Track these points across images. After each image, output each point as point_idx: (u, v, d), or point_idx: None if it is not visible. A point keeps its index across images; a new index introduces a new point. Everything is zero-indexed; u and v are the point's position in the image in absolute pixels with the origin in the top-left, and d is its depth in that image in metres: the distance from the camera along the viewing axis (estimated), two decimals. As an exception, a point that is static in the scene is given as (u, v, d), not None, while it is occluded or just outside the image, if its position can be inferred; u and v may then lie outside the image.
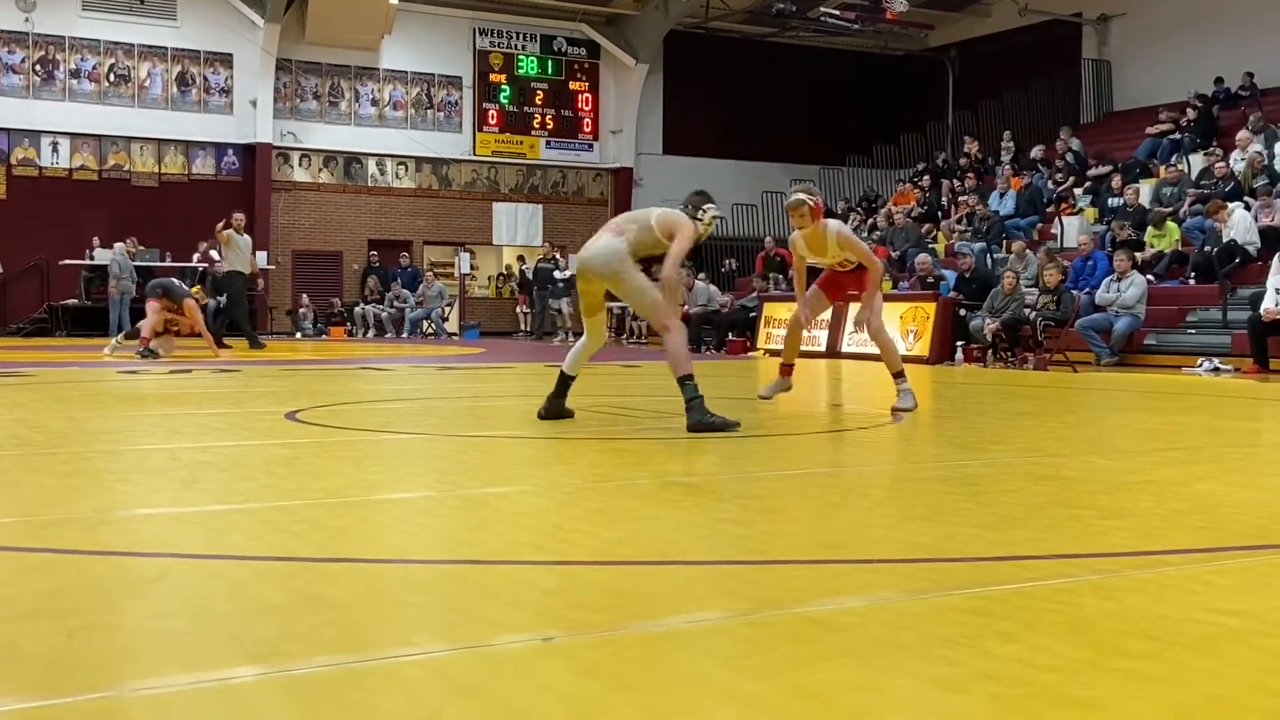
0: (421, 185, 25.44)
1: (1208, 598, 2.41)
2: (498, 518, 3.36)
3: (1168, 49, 21.71)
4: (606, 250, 5.74)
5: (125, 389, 8.52)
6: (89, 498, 3.66)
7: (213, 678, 1.84)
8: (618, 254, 5.69)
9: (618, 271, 5.71)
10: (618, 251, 5.70)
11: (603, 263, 5.74)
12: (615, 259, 5.70)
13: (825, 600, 2.39)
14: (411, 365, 12.93)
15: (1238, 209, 14.47)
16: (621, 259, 5.69)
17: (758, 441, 5.57)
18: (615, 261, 5.70)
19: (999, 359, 13.68)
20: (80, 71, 22.80)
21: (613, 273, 5.73)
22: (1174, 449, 5.38)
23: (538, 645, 2.03)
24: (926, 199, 21.14)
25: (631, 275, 5.70)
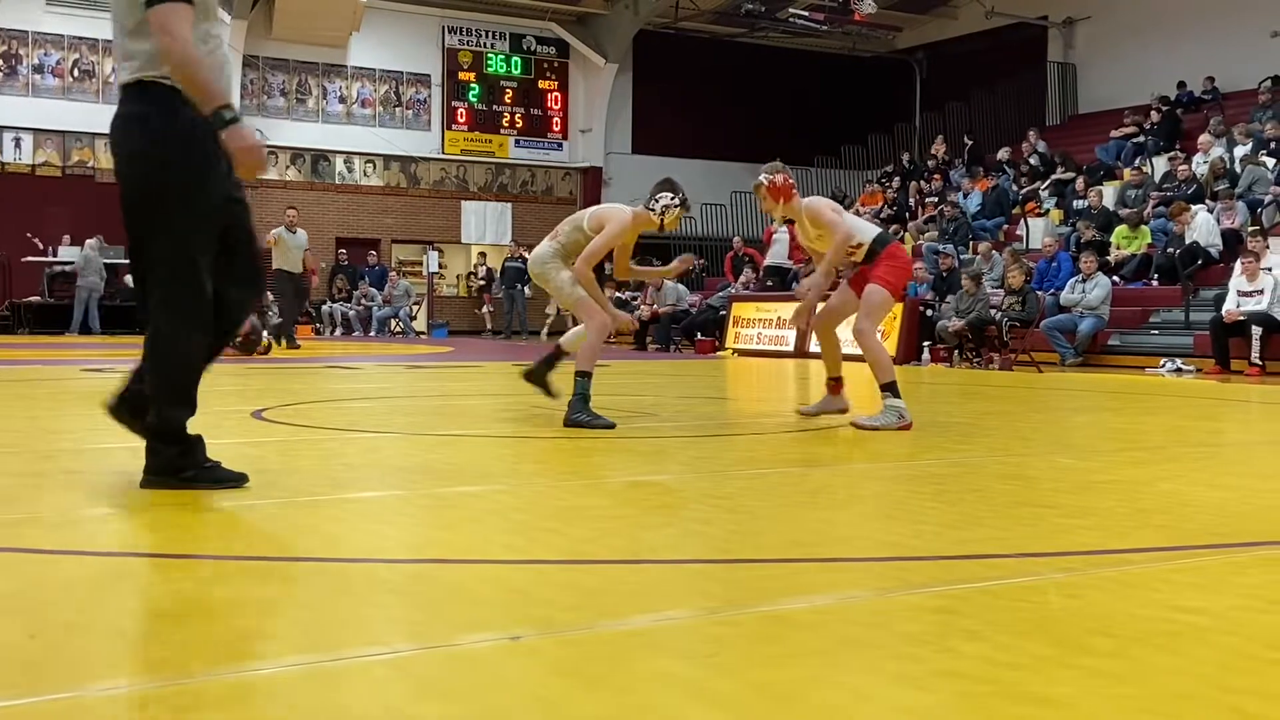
0: (390, 183, 25.33)
1: (1170, 596, 2.44)
2: (466, 517, 3.35)
3: (1132, 52, 21.92)
4: (537, 256, 6.15)
5: (89, 387, 8.44)
6: (51, 496, 3.63)
7: (176, 678, 1.83)
8: (542, 258, 6.08)
9: (542, 273, 6.08)
10: (543, 256, 6.09)
11: (534, 266, 6.15)
12: (540, 263, 6.09)
13: (793, 599, 2.40)
14: (379, 364, 12.88)
15: (1200, 211, 14.63)
16: (544, 262, 6.05)
17: (727, 441, 5.59)
18: (539, 265, 6.09)
19: (965, 359, 13.78)
20: (44, 66, 22.56)
21: (539, 275, 6.12)
22: (1137, 449, 5.43)
23: (506, 644, 2.03)
24: (895, 200, 21.25)
25: (554, 275, 6.03)
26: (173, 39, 3.33)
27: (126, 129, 3.48)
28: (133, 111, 3.47)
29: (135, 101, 3.46)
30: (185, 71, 3.35)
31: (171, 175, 3.44)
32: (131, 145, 3.47)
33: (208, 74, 3.38)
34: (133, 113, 3.47)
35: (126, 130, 3.48)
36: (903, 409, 5.80)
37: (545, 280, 6.07)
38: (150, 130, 3.44)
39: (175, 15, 3.34)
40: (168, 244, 3.49)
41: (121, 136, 3.50)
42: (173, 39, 3.33)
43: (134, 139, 3.47)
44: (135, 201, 3.49)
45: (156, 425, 3.56)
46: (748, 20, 24.88)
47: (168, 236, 3.48)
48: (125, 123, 3.48)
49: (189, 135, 3.43)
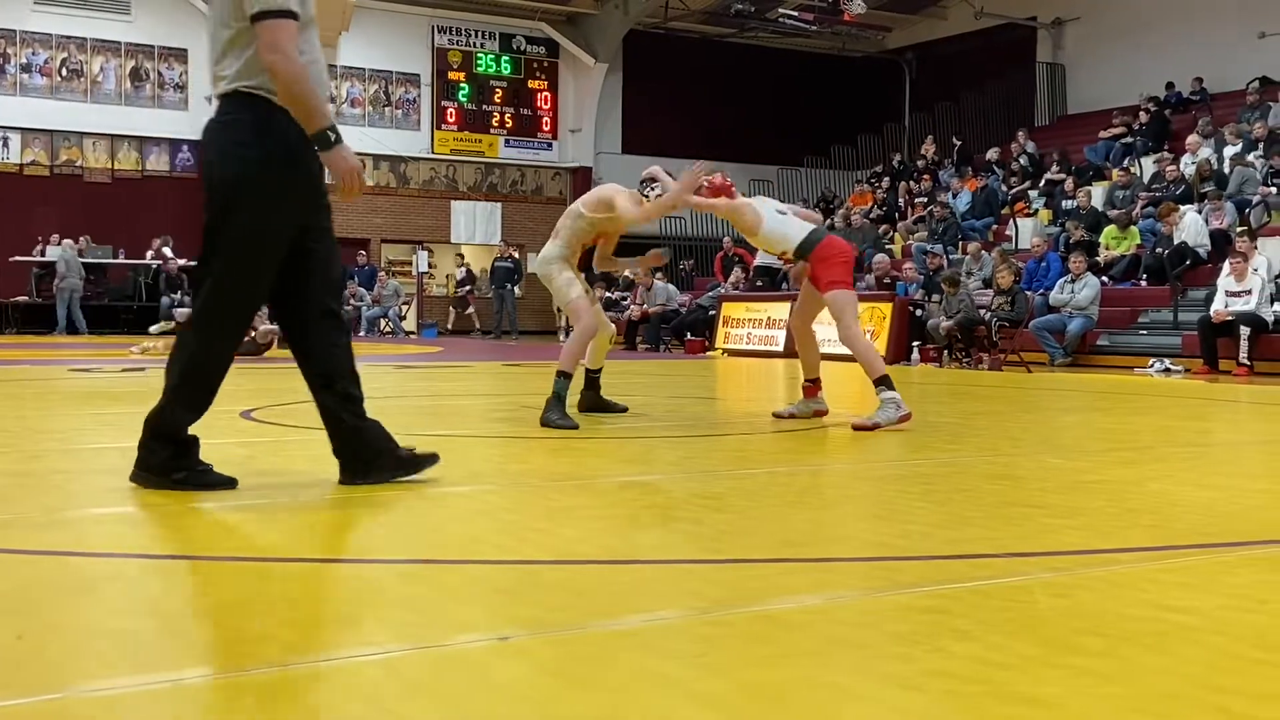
0: (379, 183, 25.28)
1: (1158, 596, 2.45)
2: (456, 517, 3.35)
3: (1120, 53, 21.99)
4: (543, 256, 6.16)
5: (77, 387, 8.41)
6: (39, 497, 3.61)
7: (166, 678, 1.82)
8: (546, 260, 6.11)
9: (546, 273, 6.12)
10: (548, 256, 6.11)
11: (539, 266, 6.17)
12: (545, 263, 6.12)
13: (783, 599, 2.40)
14: (369, 364, 12.85)
15: (1189, 212, 14.68)
16: (549, 262, 6.09)
17: (716, 441, 5.59)
18: (544, 265, 6.12)
19: (954, 359, 13.81)
20: (32, 66, 22.49)
21: (544, 275, 6.14)
22: (1126, 449, 5.45)
23: (496, 644, 2.02)
24: (885, 200, 21.28)
25: (555, 276, 6.05)
26: (283, 57, 3.31)
27: (218, 137, 3.46)
28: (226, 120, 3.45)
29: (230, 111, 3.44)
30: (294, 90, 3.34)
31: (250, 188, 3.41)
32: (219, 153, 3.45)
33: (314, 93, 3.37)
34: (226, 122, 3.45)
35: (217, 138, 3.46)
36: (899, 400, 5.73)
37: (548, 280, 6.11)
38: (239, 141, 3.41)
39: (284, 31, 3.32)
40: (232, 254, 3.46)
41: (211, 144, 3.48)
42: (283, 57, 3.31)
43: (223, 148, 3.44)
44: (214, 207, 3.46)
45: (159, 423, 3.52)
46: (737, 20, 24.90)
47: (233, 247, 3.46)
48: (218, 131, 3.46)
49: (276, 151, 3.41)
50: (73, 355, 12.71)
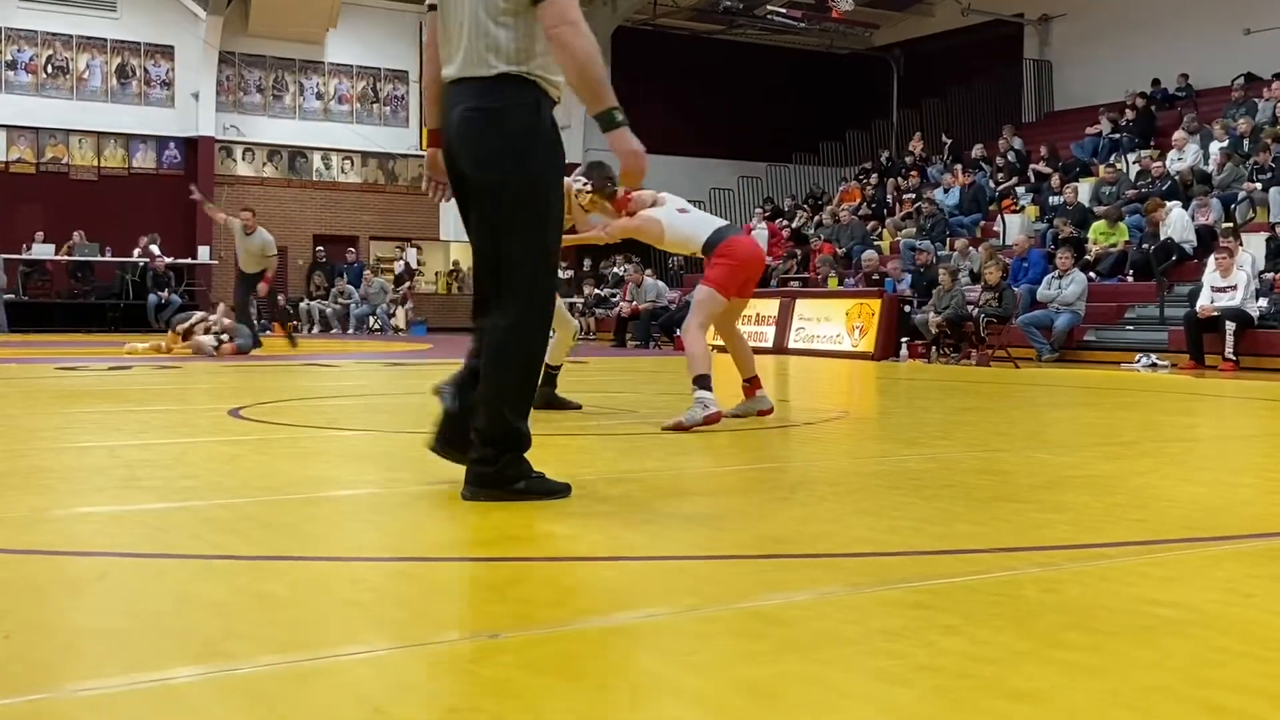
0: (368, 180, 25.25)
1: (1146, 590, 2.46)
2: (444, 515, 3.34)
3: (1107, 50, 22.05)
4: None
5: (63, 386, 8.38)
6: (26, 496, 3.60)
7: (154, 678, 1.82)
8: None
9: None
10: None
11: None
12: None
13: (771, 595, 2.41)
14: (358, 361, 12.84)
15: (1175, 208, 14.73)
16: None
17: (706, 437, 5.59)
18: None
19: (942, 355, 13.84)
20: (17, 63, 22.39)
21: None
22: (1113, 444, 5.47)
23: (486, 642, 2.02)
24: (873, 196, 21.31)
25: None
26: (575, 30, 3.20)
27: (489, 125, 3.31)
28: (496, 106, 3.30)
29: (497, 95, 3.30)
30: (588, 69, 3.23)
31: (537, 173, 3.32)
32: (495, 143, 3.30)
33: (604, 68, 3.28)
34: (496, 107, 3.30)
35: (489, 126, 3.31)
36: (708, 400, 5.53)
37: None
38: (517, 127, 3.30)
39: (574, 6, 3.23)
40: (531, 245, 3.34)
41: (482, 132, 3.32)
42: (575, 30, 3.20)
43: (500, 136, 3.30)
44: (496, 200, 3.33)
45: (491, 432, 3.36)
46: (726, 17, 24.91)
47: (530, 237, 3.33)
48: (488, 118, 3.31)
49: (552, 133, 3.36)
50: (60, 354, 12.67)
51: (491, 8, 3.30)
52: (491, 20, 3.30)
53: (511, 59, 3.30)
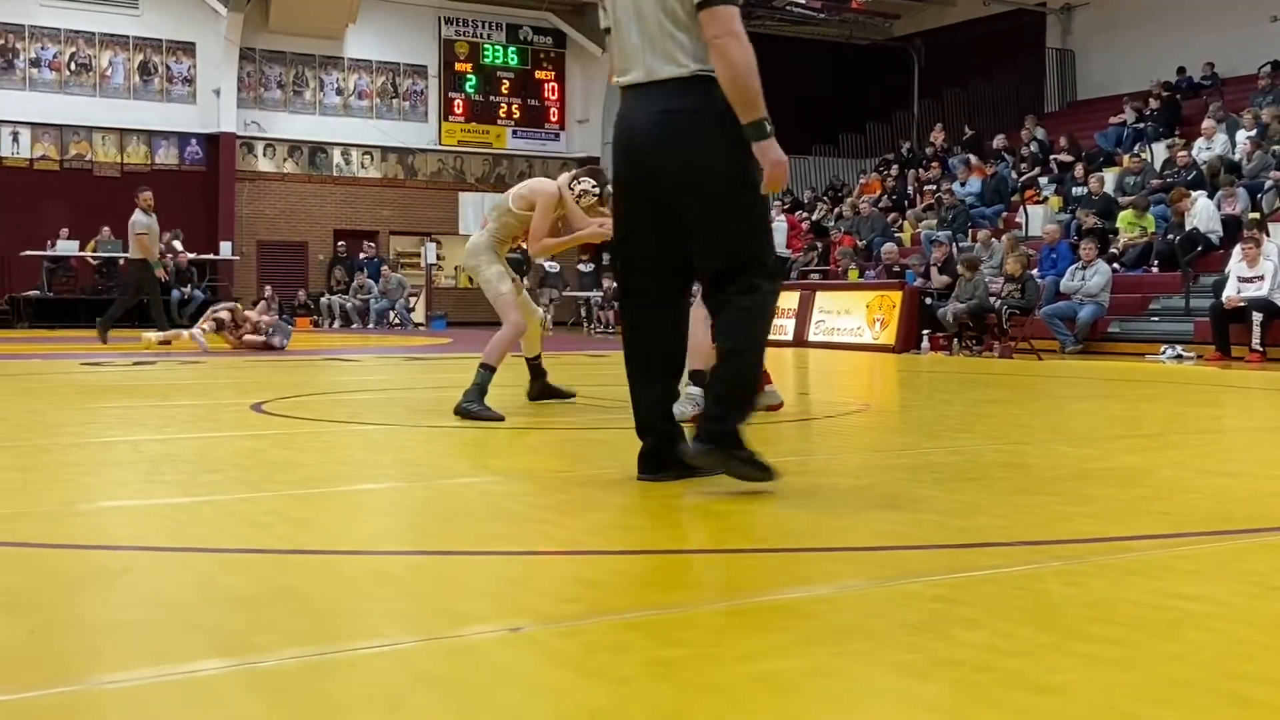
0: (387, 175, 25.31)
1: (1171, 583, 2.44)
2: (464, 508, 3.35)
3: (1130, 38, 21.89)
4: (470, 247, 6.08)
5: (88, 381, 8.44)
6: (51, 491, 3.62)
7: (179, 670, 1.83)
8: (474, 249, 6.03)
9: (474, 265, 6.02)
10: (475, 246, 6.03)
11: (466, 259, 6.11)
12: (471, 254, 6.04)
13: (792, 588, 2.40)
14: (378, 356, 12.88)
15: (1200, 197, 14.62)
16: (476, 253, 6.00)
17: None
18: (472, 256, 6.04)
19: (964, 347, 13.78)
20: (41, 60, 22.54)
21: (470, 266, 6.06)
22: (1137, 436, 5.43)
23: (505, 635, 2.03)
24: (894, 188, 21.23)
25: (483, 268, 5.96)
26: (737, 40, 3.33)
27: (696, 122, 3.39)
28: (691, 106, 3.40)
29: (688, 96, 3.39)
30: (745, 79, 3.34)
31: (746, 172, 3.42)
32: (695, 139, 3.40)
33: (758, 79, 3.37)
34: (692, 107, 3.40)
35: (696, 123, 3.39)
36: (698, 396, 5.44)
37: (475, 272, 6.02)
38: (721, 118, 3.38)
39: (737, 18, 3.35)
40: (759, 221, 3.50)
41: (685, 133, 3.40)
42: (737, 40, 3.33)
43: (703, 137, 3.40)
44: (715, 190, 3.41)
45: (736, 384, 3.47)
46: (745, 8, 24.63)
47: (756, 212, 3.48)
48: (691, 116, 3.40)
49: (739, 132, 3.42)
50: (86, 350, 12.75)
51: (671, 13, 3.40)
52: (674, 24, 3.41)
53: (698, 59, 3.42)
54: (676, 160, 3.43)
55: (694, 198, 3.44)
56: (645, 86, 3.47)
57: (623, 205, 3.64)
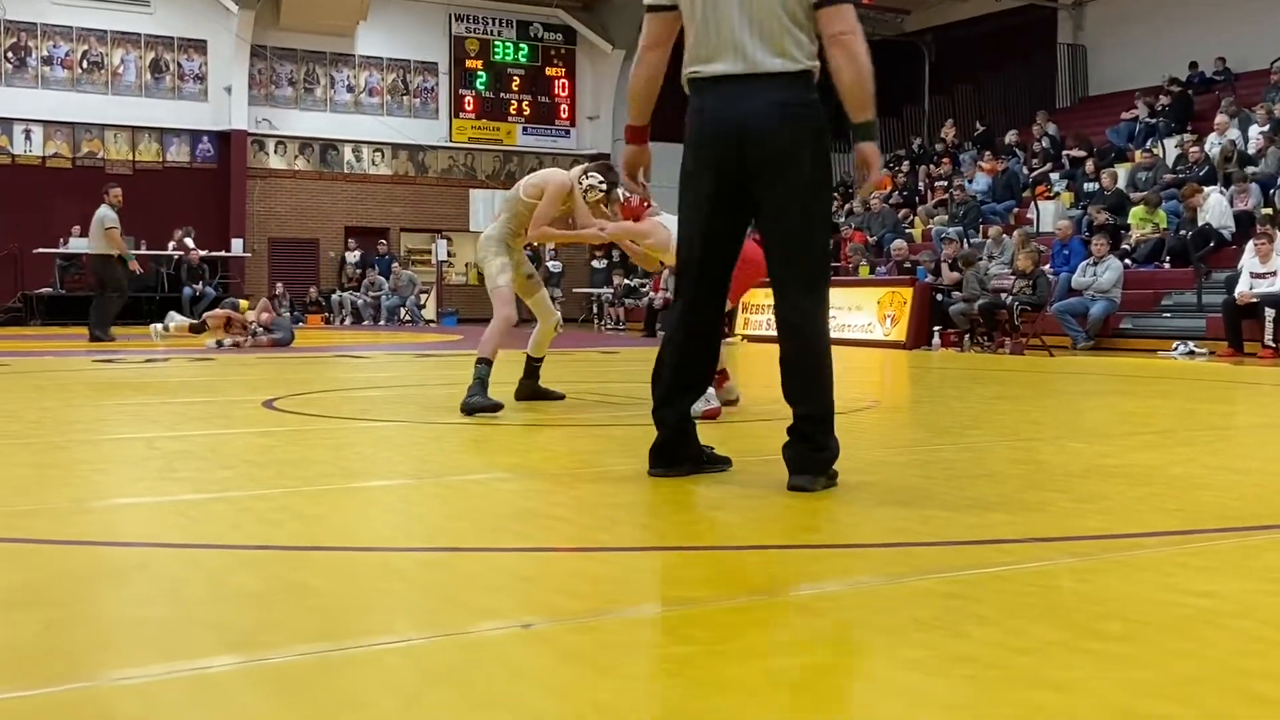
0: (398, 172, 25.34)
1: (1182, 580, 2.43)
2: (476, 505, 3.36)
3: (1142, 33, 21.80)
4: (482, 239, 6.10)
5: (101, 378, 8.47)
6: (65, 488, 3.64)
7: (192, 667, 1.83)
8: (485, 241, 6.06)
9: (482, 256, 6.05)
10: (487, 238, 6.05)
11: (479, 248, 6.11)
12: (483, 245, 6.06)
13: (804, 585, 2.40)
14: (388, 353, 12.90)
15: (1213, 193, 14.56)
16: (487, 244, 6.03)
17: (735, 427, 5.58)
18: (482, 248, 6.07)
19: (976, 343, 13.75)
20: (52, 58, 22.61)
21: (480, 258, 6.07)
22: (1149, 432, 5.42)
23: (517, 632, 2.03)
24: (905, 184, 21.19)
25: (489, 259, 5.99)
26: (859, 37, 3.35)
27: (800, 116, 3.41)
28: (803, 101, 3.41)
29: (797, 90, 3.40)
30: (866, 79, 3.38)
31: (827, 168, 3.47)
32: (804, 133, 3.41)
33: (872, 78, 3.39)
34: (804, 102, 3.41)
35: (801, 118, 3.41)
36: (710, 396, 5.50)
37: (482, 262, 6.06)
38: (819, 121, 3.42)
39: (854, 13, 3.37)
40: (826, 232, 3.53)
41: (794, 123, 3.39)
42: (859, 37, 3.35)
43: (810, 127, 3.42)
44: (802, 189, 3.41)
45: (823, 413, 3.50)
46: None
47: (826, 224, 3.51)
48: (798, 111, 3.40)
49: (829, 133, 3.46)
50: (97, 347, 12.80)
51: (789, 8, 3.38)
52: (790, 19, 3.38)
53: (810, 56, 3.42)
54: (781, 153, 3.39)
55: (793, 195, 3.41)
56: (746, 78, 3.39)
57: (706, 207, 3.51)
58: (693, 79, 3.50)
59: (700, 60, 3.47)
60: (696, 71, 3.48)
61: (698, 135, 3.50)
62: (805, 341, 3.48)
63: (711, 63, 3.45)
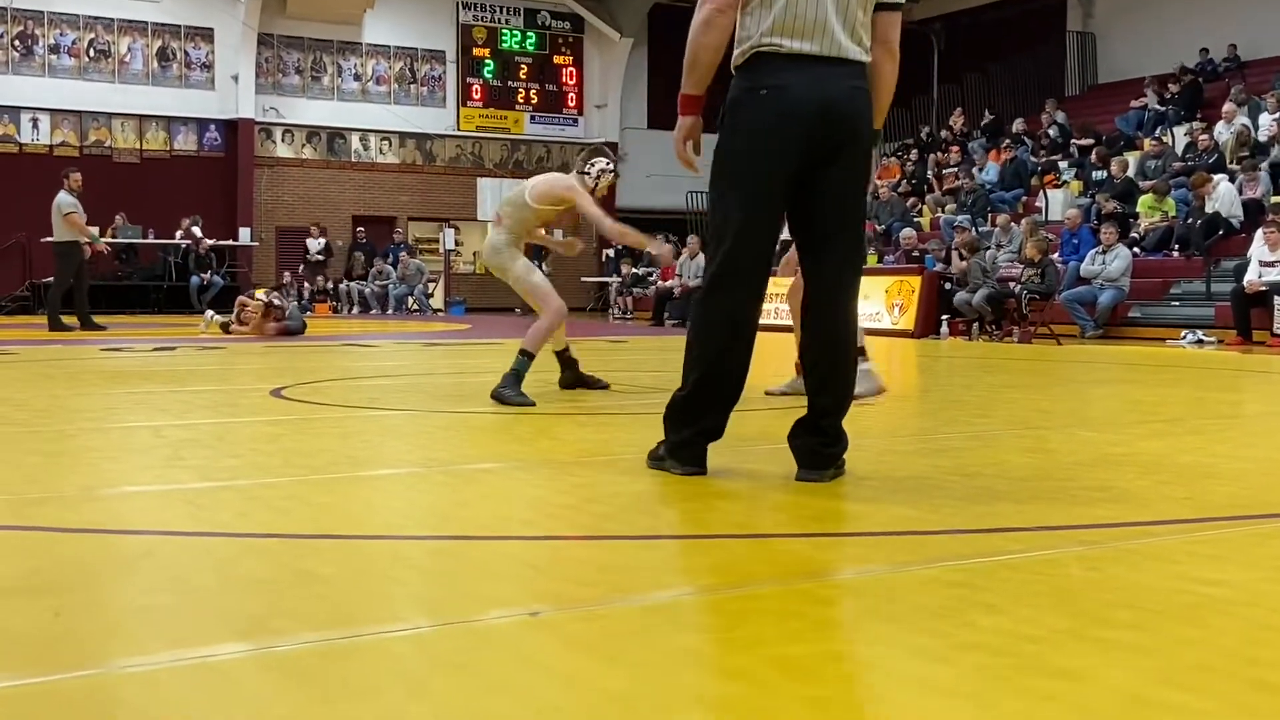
0: (405, 161, 25.33)
1: (1191, 568, 2.43)
2: (484, 493, 3.36)
3: (1152, 21, 21.71)
4: (489, 247, 6.10)
5: (109, 367, 8.49)
6: (73, 475, 3.65)
7: (200, 654, 1.84)
8: (495, 248, 6.04)
9: (499, 264, 6.03)
10: (495, 245, 6.04)
11: (489, 258, 6.12)
12: (494, 253, 6.05)
13: (812, 573, 2.40)
14: (396, 341, 12.91)
15: (1222, 181, 14.51)
16: (498, 251, 6.02)
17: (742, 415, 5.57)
18: (494, 255, 6.05)
19: (984, 332, 13.72)
20: (60, 47, 22.61)
21: (497, 266, 6.06)
22: (1158, 421, 5.40)
23: (525, 620, 2.03)
24: (913, 173, 21.14)
25: (511, 266, 5.98)
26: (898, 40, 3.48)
27: (868, 104, 3.45)
28: (866, 88, 3.44)
29: (865, 81, 3.44)
30: (893, 89, 3.52)
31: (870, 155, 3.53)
32: (869, 121, 3.45)
33: None
34: (867, 90, 3.45)
35: (868, 106, 3.44)
36: None
37: (503, 271, 6.02)
38: (870, 109, 3.46)
39: None
40: (863, 226, 3.57)
41: (865, 111, 3.43)
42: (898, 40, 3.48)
43: (871, 117, 3.46)
44: (860, 176, 3.46)
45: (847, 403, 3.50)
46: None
47: (864, 221, 3.57)
48: (866, 99, 3.44)
49: None
50: (103, 335, 12.83)
51: (865, 2, 3.42)
52: (863, 12, 3.42)
53: (869, 51, 3.46)
54: (858, 136, 3.40)
55: (855, 179, 3.43)
56: (830, 61, 3.36)
57: (765, 184, 3.37)
58: (772, 53, 3.37)
59: (784, 34, 3.35)
60: (778, 46, 3.36)
61: (775, 111, 3.35)
62: (844, 327, 3.48)
63: (798, 39, 3.35)
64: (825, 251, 3.45)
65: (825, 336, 3.48)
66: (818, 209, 3.43)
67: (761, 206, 3.38)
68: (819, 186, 3.40)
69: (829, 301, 3.46)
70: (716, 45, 3.47)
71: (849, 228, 3.46)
